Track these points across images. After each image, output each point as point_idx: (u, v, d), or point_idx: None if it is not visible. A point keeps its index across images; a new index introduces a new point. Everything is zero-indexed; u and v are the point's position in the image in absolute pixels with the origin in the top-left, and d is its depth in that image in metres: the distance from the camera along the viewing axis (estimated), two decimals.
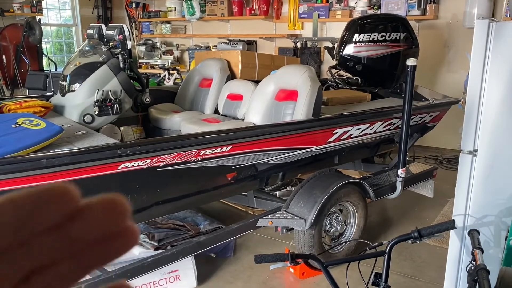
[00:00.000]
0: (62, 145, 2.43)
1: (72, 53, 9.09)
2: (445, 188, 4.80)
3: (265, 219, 3.04)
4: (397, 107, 3.75)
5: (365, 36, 4.39)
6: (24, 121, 2.50)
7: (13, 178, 2.02)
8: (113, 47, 3.44)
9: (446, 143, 6.38)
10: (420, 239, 1.61)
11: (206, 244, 2.84)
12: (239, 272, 3.22)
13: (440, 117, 4.48)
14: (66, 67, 3.50)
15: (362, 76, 4.59)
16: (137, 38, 9.02)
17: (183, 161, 2.57)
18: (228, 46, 7.26)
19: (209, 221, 3.74)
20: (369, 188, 3.38)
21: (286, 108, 3.46)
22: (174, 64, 8.30)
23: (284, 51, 7.20)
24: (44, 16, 8.24)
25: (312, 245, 3.07)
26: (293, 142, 3.14)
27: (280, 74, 3.59)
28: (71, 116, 3.18)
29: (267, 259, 1.61)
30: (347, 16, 6.62)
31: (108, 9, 9.35)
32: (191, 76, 4.44)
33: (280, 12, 7.52)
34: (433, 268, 3.31)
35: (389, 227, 3.99)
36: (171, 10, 8.56)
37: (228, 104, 3.98)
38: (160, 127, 3.98)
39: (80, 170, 2.16)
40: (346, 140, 3.49)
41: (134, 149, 2.31)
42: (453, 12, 6.14)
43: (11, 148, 2.16)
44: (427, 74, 6.17)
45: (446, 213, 4.27)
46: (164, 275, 2.89)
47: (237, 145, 2.81)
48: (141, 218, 2.87)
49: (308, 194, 3.10)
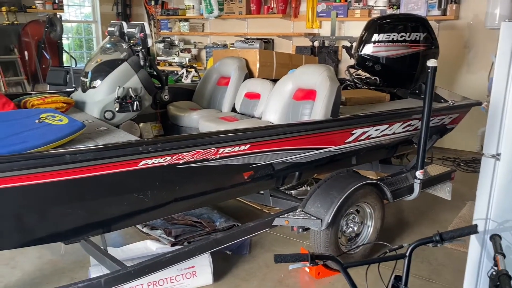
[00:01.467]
0: (83, 141, 2.47)
1: (91, 50, 9.23)
2: (463, 190, 4.75)
3: (281, 218, 3.05)
4: (417, 108, 3.71)
5: (384, 36, 4.36)
6: (48, 116, 2.54)
7: (37, 172, 2.06)
8: (134, 44, 3.47)
9: (464, 145, 6.30)
10: (441, 243, 1.60)
11: (223, 241, 2.85)
12: (255, 270, 3.23)
13: (460, 119, 4.43)
14: (88, 64, 3.55)
15: (380, 76, 4.55)
16: (155, 36, 9.09)
17: (202, 158, 2.59)
18: (245, 44, 7.28)
19: (225, 219, 3.77)
20: (386, 190, 3.36)
21: (304, 107, 3.45)
22: (192, 61, 8.35)
23: (301, 50, 7.18)
24: (65, 12, 8.36)
25: (328, 245, 3.07)
26: (310, 142, 3.14)
27: (298, 73, 3.58)
28: (92, 112, 3.23)
29: (287, 259, 1.61)
30: (366, 15, 6.57)
31: (127, 6, 9.44)
32: (209, 74, 4.46)
33: (298, 10, 7.50)
34: (450, 271, 3.28)
35: (406, 229, 3.96)
36: (190, 8, 8.62)
37: (245, 103, 3.99)
38: (178, 124, 4.01)
39: (102, 166, 2.19)
40: (365, 141, 3.47)
41: (155, 146, 2.33)
42: (474, 12, 6.04)
43: (35, 143, 2.21)
44: (446, 75, 6.09)
45: (464, 216, 4.22)
46: (181, 271, 2.93)
47: (255, 144, 2.82)
48: (160, 214, 2.91)
49: (325, 194, 3.09)
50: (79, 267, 3.19)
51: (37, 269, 3.18)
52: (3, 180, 1.99)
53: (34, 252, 3.35)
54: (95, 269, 2.81)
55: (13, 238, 2.25)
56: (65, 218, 2.32)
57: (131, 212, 2.58)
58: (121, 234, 3.64)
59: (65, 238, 2.47)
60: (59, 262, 3.25)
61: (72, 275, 3.10)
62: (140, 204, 2.54)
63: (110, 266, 2.55)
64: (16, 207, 2.15)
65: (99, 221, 2.49)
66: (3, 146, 2.12)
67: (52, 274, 3.12)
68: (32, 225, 2.26)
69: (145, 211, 2.62)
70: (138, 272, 2.48)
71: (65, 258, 3.28)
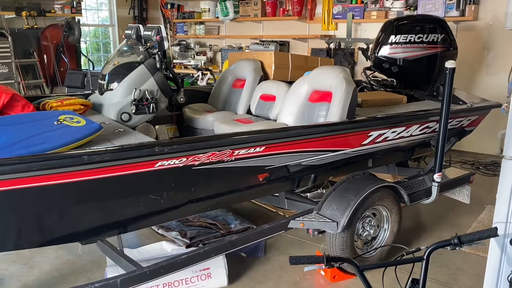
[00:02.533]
0: (100, 142, 2.50)
1: (108, 53, 9.36)
2: (482, 194, 4.66)
3: (296, 220, 3.03)
4: (434, 110, 3.66)
5: (401, 38, 4.31)
6: (66, 118, 2.58)
7: (56, 173, 2.09)
8: (150, 47, 3.50)
9: (483, 148, 6.19)
10: (460, 246, 1.57)
11: (238, 243, 2.85)
12: (270, 272, 3.22)
13: (479, 121, 4.35)
14: (105, 67, 3.59)
15: (397, 78, 4.51)
16: (171, 39, 9.18)
17: (217, 160, 2.59)
18: (260, 46, 7.29)
19: (239, 221, 3.77)
20: (403, 193, 3.32)
21: (319, 109, 3.43)
22: (207, 64, 8.40)
23: (317, 52, 7.16)
24: (83, 16, 8.49)
25: (344, 248, 3.04)
26: (326, 144, 3.12)
27: (314, 75, 3.57)
28: (109, 114, 3.26)
29: (302, 260, 1.60)
30: (383, 17, 6.52)
31: (144, 10, 9.55)
32: (225, 77, 4.48)
33: (313, 13, 7.48)
34: (469, 276, 3.22)
35: (423, 233, 3.90)
36: (205, 11, 8.67)
37: (260, 105, 3.99)
38: (194, 127, 4.03)
39: (119, 167, 2.21)
40: (381, 143, 3.43)
41: (171, 148, 2.35)
42: (493, 13, 5.94)
43: (53, 144, 2.24)
44: (465, 77, 6.00)
45: (483, 220, 4.15)
46: (196, 273, 2.93)
47: (270, 146, 2.81)
48: (176, 215, 2.92)
49: (341, 196, 3.07)
50: (96, 267, 3.23)
51: (55, 268, 3.23)
52: (23, 180, 2.02)
53: (52, 252, 3.40)
54: (111, 270, 2.83)
55: (33, 237, 2.29)
56: (83, 218, 2.35)
57: (147, 213, 2.60)
58: (137, 235, 3.67)
59: (82, 238, 2.50)
60: (76, 262, 3.29)
61: (89, 275, 3.14)
62: (156, 205, 2.55)
63: (126, 267, 2.57)
64: (35, 207, 2.19)
65: (116, 221, 2.51)
66: (23, 147, 2.16)
67: (69, 273, 3.17)
68: (51, 225, 2.29)
69: (160, 212, 2.64)
70: (154, 273, 2.50)
71: (82, 258, 3.32)
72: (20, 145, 2.19)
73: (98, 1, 9.25)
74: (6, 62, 6.80)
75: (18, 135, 2.28)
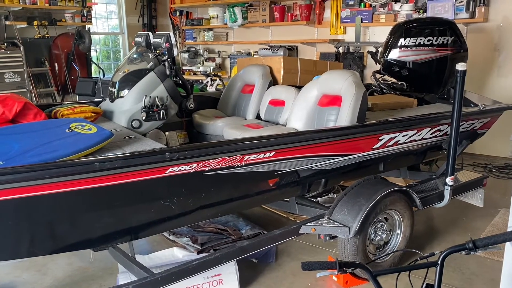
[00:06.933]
0: (112, 149, 2.52)
1: (118, 61, 9.44)
2: (496, 197, 4.60)
3: (308, 226, 3.01)
4: (446, 113, 3.63)
5: (411, 41, 4.29)
6: (77, 126, 2.60)
7: (68, 180, 2.10)
8: (160, 54, 3.53)
9: (496, 151, 6.12)
10: (475, 251, 1.53)
11: (249, 249, 2.84)
12: (281, 278, 3.20)
13: (491, 124, 4.30)
14: (115, 74, 3.62)
15: (407, 81, 4.48)
16: (180, 46, 9.24)
17: (228, 166, 2.59)
18: (269, 52, 7.28)
19: (250, 226, 3.76)
20: (416, 197, 3.29)
21: (329, 113, 3.42)
22: (216, 70, 8.44)
23: (325, 56, 7.15)
24: (93, 25, 8.59)
25: (356, 253, 3.01)
26: (337, 149, 3.10)
27: (323, 79, 3.56)
28: (119, 121, 3.29)
29: (314, 266, 1.58)
30: (391, 20, 6.50)
31: (153, 18, 9.63)
32: (234, 82, 4.49)
33: (322, 17, 7.48)
34: (483, 281, 3.16)
35: (436, 237, 3.86)
36: (214, 18, 8.72)
37: (270, 110, 3.99)
38: (203, 132, 4.04)
39: (130, 173, 2.22)
40: (392, 147, 3.40)
41: (182, 154, 2.35)
42: (504, 14, 5.89)
43: (65, 151, 2.26)
44: (476, 79, 5.95)
45: (497, 223, 4.08)
46: (207, 279, 2.92)
47: (280, 151, 2.80)
48: (186, 221, 2.92)
49: (352, 201, 3.04)
50: (108, 274, 3.24)
51: (67, 275, 3.24)
52: (36, 188, 2.04)
53: (64, 259, 3.42)
54: (123, 276, 2.84)
55: (46, 244, 2.30)
56: (95, 225, 2.36)
57: (158, 219, 2.60)
58: (148, 242, 3.68)
59: (94, 245, 2.51)
60: (88, 269, 3.31)
61: (101, 282, 3.15)
62: (167, 211, 2.56)
63: (138, 273, 2.58)
64: (48, 214, 2.20)
65: (127, 228, 2.52)
66: (35, 155, 2.18)
67: (81, 280, 3.18)
68: (63, 232, 2.30)
69: (172, 218, 2.64)
70: (165, 279, 2.50)
71: (94, 265, 3.33)
72: (33, 153, 2.21)
73: (108, 9, 9.36)
74: (19, 71, 6.90)
75: (31, 143, 2.31)
